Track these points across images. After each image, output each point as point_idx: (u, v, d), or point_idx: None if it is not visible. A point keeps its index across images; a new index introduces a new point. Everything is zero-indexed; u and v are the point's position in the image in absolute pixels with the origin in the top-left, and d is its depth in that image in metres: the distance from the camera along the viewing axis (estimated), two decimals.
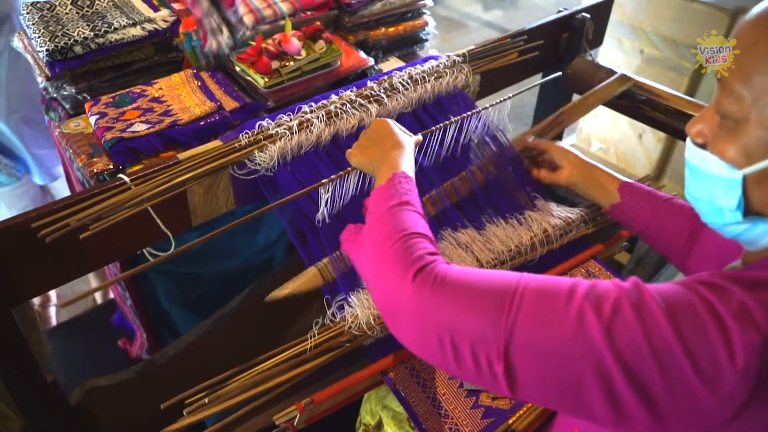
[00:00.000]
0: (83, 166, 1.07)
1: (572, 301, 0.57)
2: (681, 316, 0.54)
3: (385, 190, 0.80)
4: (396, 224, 0.73)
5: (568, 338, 0.55)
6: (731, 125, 0.60)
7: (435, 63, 1.22)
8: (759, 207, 0.62)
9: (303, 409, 0.86)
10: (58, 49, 1.18)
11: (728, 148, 0.61)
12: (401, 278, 0.66)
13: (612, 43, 2.54)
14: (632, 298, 0.56)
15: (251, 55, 1.26)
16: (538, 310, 0.58)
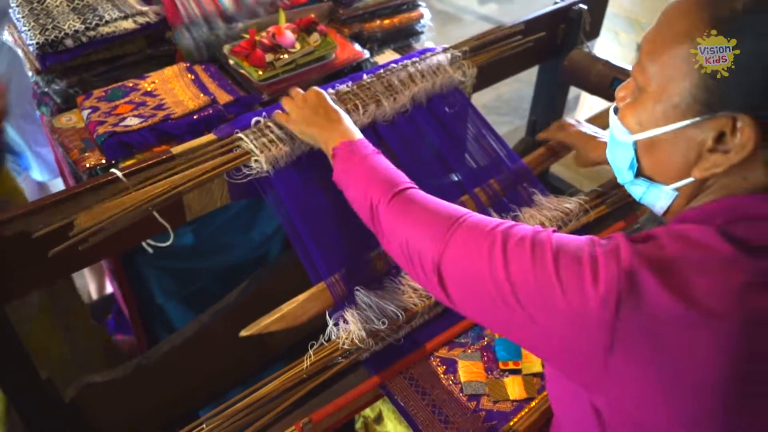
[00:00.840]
0: (75, 161, 1.06)
1: (492, 233, 0.67)
2: (564, 253, 0.61)
3: (357, 150, 0.88)
4: (374, 170, 0.85)
5: (483, 264, 0.65)
6: (637, 94, 0.66)
7: (433, 56, 1.20)
8: (648, 172, 0.68)
9: (302, 429, 0.85)
10: (48, 42, 1.16)
11: (627, 114, 0.67)
12: (381, 199, 0.80)
13: (609, 36, 2.53)
14: (536, 238, 0.64)
15: (245, 48, 1.25)
16: (467, 237, 0.69)
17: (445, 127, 1.17)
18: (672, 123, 0.62)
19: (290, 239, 1.00)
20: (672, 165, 0.65)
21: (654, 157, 0.66)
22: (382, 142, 1.11)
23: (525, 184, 1.15)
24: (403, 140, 1.12)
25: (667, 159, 0.65)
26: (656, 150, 0.65)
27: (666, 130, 0.63)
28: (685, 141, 0.62)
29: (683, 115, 0.61)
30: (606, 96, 1.50)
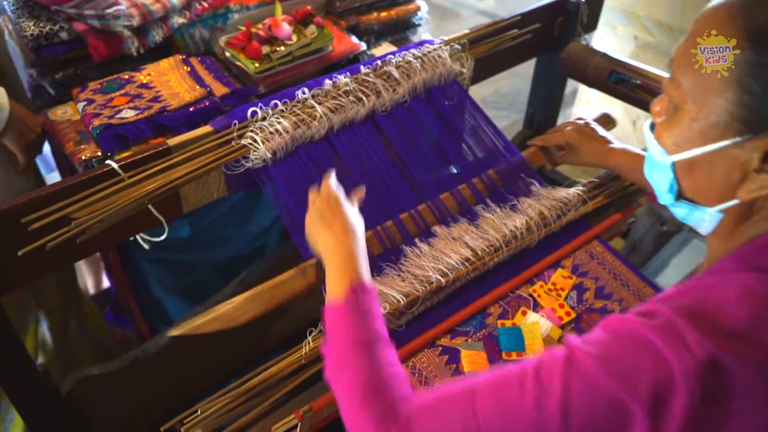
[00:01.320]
0: (70, 154, 1.05)
1: (526, 392, 0.57)
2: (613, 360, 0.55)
3: (346, 314, 0.71)
4: (364, 369, 0.67)
5: (533, 424, 0.57)
6: (672, 111, 0.62)
7: (432, 48, 1.20)
8: (690, 194, 0.63)
9: (302, 417, 0.84)
10: (43, 35, 1.15)
11: (663, 133, 0.63)
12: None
13: (606, 30, 2.53)
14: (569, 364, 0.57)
15: (241, 40, 1.24)
16: (500, 409, 0.58)
17: (443, 119, 1.16)
18: (711, 143, 0.57)
19: (287, 229, 1.00)
20: (714, 187, 0.60)
21: (694, 179, 0.61)
22: (381, 133, 1.11)
23: (523, 174, 1.15)
24: (402, 131, 1.12)
25: (708, 180, 0.60)
26: (696, 171, 0.60)
27: (704, 151, 0.58)
28: (726, 161, 0.57)
29: (722, 135, 0.56)
30: (603, 89, 1.49)
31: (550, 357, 0.59)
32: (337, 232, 0.79)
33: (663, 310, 0.56)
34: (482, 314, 0.97)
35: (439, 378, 0.89)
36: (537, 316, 0.96)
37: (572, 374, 0.56)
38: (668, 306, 0.56)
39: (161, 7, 1.23)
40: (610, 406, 0.54)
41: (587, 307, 1.00)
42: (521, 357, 0.91)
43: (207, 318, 0.88)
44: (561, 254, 1.07)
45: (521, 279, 1.02)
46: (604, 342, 0.57)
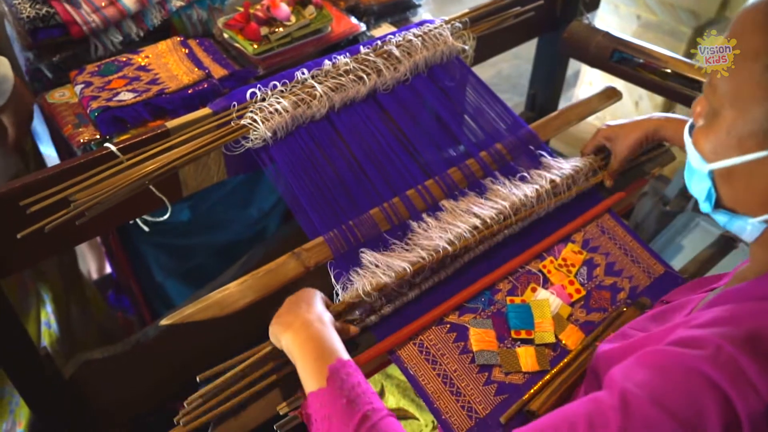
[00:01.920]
0: (69, 137, 1.04)
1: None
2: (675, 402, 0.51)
3: (333, 396, 0.65)
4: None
5: None
6: (711, 116, 0.59)
7: (433, 27, 1.18)
8: (729, 203, 0.61)
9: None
10: (39, 17, 1.14)
11: (701, 140, 0.61)
12: None
13: (608, 9, 2.50)
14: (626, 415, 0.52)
15: (239, 21, 1.23)
16: None
17: (446, 95, 1.15)
18: (749, 153, 0.55)
19: (290, 207, 0.98)
20: (754, 197, 0.58)
21: (733, 188, 0.59)
22: (384, 111, 1.10)
23: (531, 147, 1.13)
24: (404, 108, 1.11)
25: (747, 190, 0.58)
26: (735, 180, 0.58)
27: (743, 161, 0.56)
28: (766, 172, 0.55)
29: (761, 145, 0.54)
30: (606, 68, 1.48)
31: (600, 405, 0.55)
32: (296, 329, 0.73)
33: (712, 339, 0.52)
34: (491, 290, 0.96)
35: (447, 356, 0.87)
36: (547, 293, 0.95)
37: (630, 424, 0.52)
38: (718, 335, 0.52)
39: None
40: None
41: (597, 284, 0.99)
42: (530, 335, 0.90)
43: (199, 306, 0.86)
44: (572, 228, 1.05)
45: (531, 254, 1.01)
46: (654, 380, 0.53)
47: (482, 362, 0.86)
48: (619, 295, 0.97)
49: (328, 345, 0.70)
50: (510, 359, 0.88)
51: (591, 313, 0.95)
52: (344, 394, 0.64)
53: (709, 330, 0.54)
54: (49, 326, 1.32)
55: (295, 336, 0.72)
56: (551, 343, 0.90)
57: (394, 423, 0.64)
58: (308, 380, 0.68)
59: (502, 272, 0.98)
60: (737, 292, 0.59)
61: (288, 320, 0.75)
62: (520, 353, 0.88)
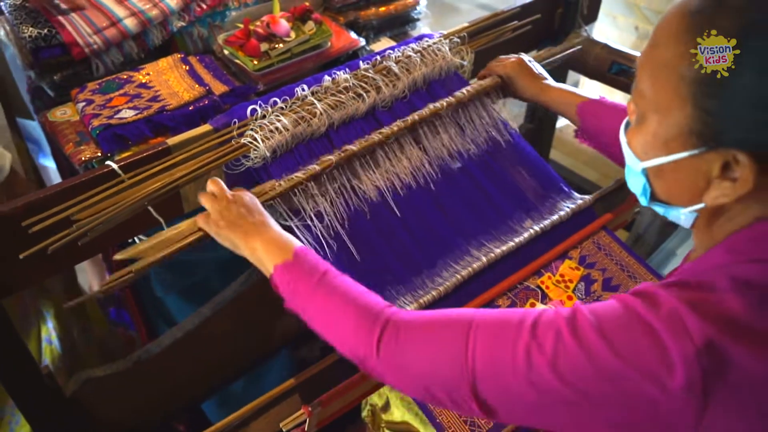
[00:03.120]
0: (70, 155, 1.05)
1: (520, 340, 0.59)
2: (615, 335, 0.56)
3: (298, 266, 0.74)
4: (334, 293, 0.71)
5: (523, 375, 0.58)
6: (640, 118, 0.62)
7: (431, 42, 1.19)
8: (662, 197, 0.65)
9: (311, 413, 0.83)
10: (41, 37, 1.15)
11: (633, 141, 0.64)
12: (366, 343, 0.67)
13: (606, 20, 2.51)
14: (570, 326, 0.58)
15: (239, 37, 1.24)
16: (492, 351, 0.60)
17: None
18: (673, 153, 0.59)
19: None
20: (683, 191, 0.62)
21: (664, 184, 0.64)
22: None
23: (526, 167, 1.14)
24: None
25: (676, 186, 0.62)
26: (665, 177, 0.63)
27: (668, 160, 0.60)
28: (690, 170, 0.59)
29: (683, 146, 0.58)
30: (605, 80, 1.49)
31: (553, 313, 0.60)
32: (254, 233, 0.80)
33: (667, 298, 0.56)
34: (490, 307, 0.97)
35: None
36: (545, 308, 0.95)
37: (570, 336, 0.57)
38: (672, 294, 0.56)
39: (160, 13, 1.23)
40: (601, 376, 0.55)
41: (595, 298, 0.99)
42: None
43: (153, 242, 0.88)
44: (568, 245, 1.06)
45: (529, 270, 1.02)
46: (609, 313, 0.58)
47: None
48: None
49: (289, 239, 0.79)
50: None
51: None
52: (307, 261, 0.74)
53: (660, 289, 0.58)
54: (50, 342, 1.31)
55: (256, 240, 0.79)
56: None
57: (351, 279, 0.73)
58: (269, 263, 0.76)
59: (501, 288, 0.98)
60: (685, 268, 0.63)
61: (242, 227, 0.81)
62: None
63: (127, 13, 1.21)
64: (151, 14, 1.22)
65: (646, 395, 0.54)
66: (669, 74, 0.56)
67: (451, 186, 1.08)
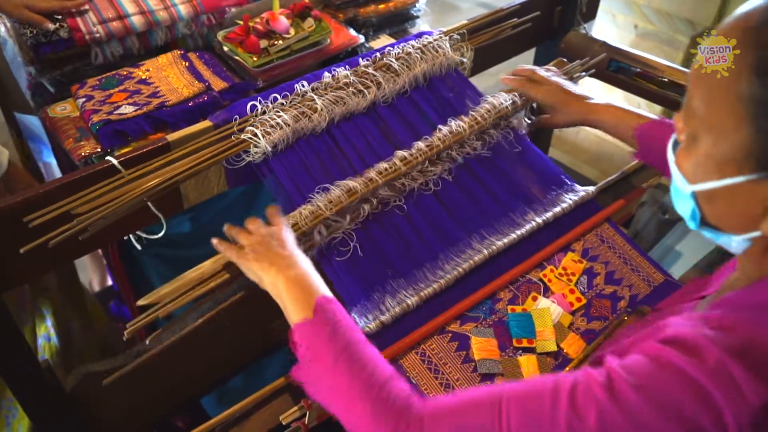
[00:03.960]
0: (70, 150, 1.05)
1: (558, 413, 0.55)
2: (659, 396, 0.52)
3: (320, 327, 0.70)
4: (356, 375, 0.66)
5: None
6: (690, 138, 0.59)
7: (431, 39, 1.19)
8: (713, 222, 0.61)
9: (310, 406, 0.83)
10: (41, 33, 1.15)
11: (683, 162, 0.61)
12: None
13: (606, 18, 2.52)
14: (609, 393, 0.54)
15: (239, 34, 1.24)
16: (529, 428, 0.57)
17: (445, 108, 1.16)
18: (728, 177, 0.55)
19: None
20: (737, 218, 0.58)
21: (716, 209, 0.60)
22: (383, 124, 1.10)
23: None
24: (405, 121, 1.12)
25: (729, 212, 0.59)
26: (717, 202, 0.59)
27: (722, 185, 0.56)
28: (746, 195, 0.55)
29: (739, 171, 0.54)
30: (603, 78, 1.49)
31: (587, 379, 0.56)
32: (281, 268, 0.76)
33: (704, 343, 0.53)
34: (492, 299, 0.96)
35: (449, 365, 0.88)
36: (548, 301, 0.96)
37: (611, 403, 0.54)
38: (711, 340, 0.53)
39: (168, 18, 1.24)
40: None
41: (597, 292, 0.99)
42: (532, 344, 0.90)
43: (175, 285, 0.89)
44: (571, 237, 1.06)
45: (531, 263, 1.01)
46: (646, 372, 0.54)
47: (484, 371, 0.87)
48: (620, 304, 0.98)
49: (313, 283, 0.75)
50: (512, 368, 0.88)
51: (592, 321, 0.95)
52: (328, 324, 0.69)
53: (702, 332, 0.54)
54: (48, 340, 1.32)
55: (279, 275, 0.76)
56: (553, 351, 0.90)
57: (375, 352, 0.69)
58: (291, 311, 0.73)
59: (502, 281, 0.98)
60: (729, 300, 0.59)
61: (270, 259, 0.78)
62: (522, 362, 0.89)
63: (137, 10, 1.21)
64: (160, 17, 1.23)
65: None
66: (725, 92, 0.53)
67: (454, 180, 1.08)
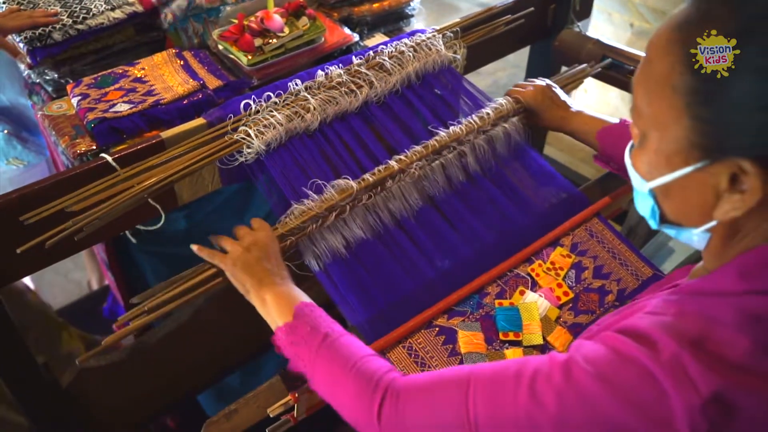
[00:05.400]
0: (66, 148, 1.06)
1: (520, 396, 0.58)
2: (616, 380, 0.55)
3: (300, 326, 0.76)
4: (334, 360, 0.72)
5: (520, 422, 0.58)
6: (641, 138, 0.61)
7: (424, 37, 1.20)
8: (672, 217, 0.63)
9: (297, 399, 0.84)
10: (36, 36, 1.16)
11: (637, 161, 0.63)
12: (368, 411, 0.67)
13: (602, 17, 2.52)
14: (568, 380, 0.57)
15: (233, 32, 1.25)
16: (494, 408, 0.60)
17: (439, 106, 1.16)
18: (677, 170, 0.58)
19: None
20: (692, 209, 0.60)
21: (673, 203, 0.62)
22: (375, 123, 1.11)
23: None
24: (397, 120, 1.12)
25: (685, 204, 0.60)
26: (672, 196, 0.61)
27: (673, 177, 0.58)
28: (698, 185, 0.57)
29: (686, 161, 0.57)
30: (597, 76, 1.49)
31: (550, 365, 0.59)
32: (267, 284, 0.83)
33: (658, 335, 0.55)
34: (479, 294, 0.97)
35: (435, 359, 0.89)
36: (535, 295, 0.97)
37: (569, 391, 0.56)
38: (671, 336, 0.55)
39: None
40: (607, 426, 0.54)
41: (585, 286, 1.00)
42: (518, 337, 0.91)
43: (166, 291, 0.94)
44: (560, 232, 1.06)
45: (519, 258, 1.02)
46: (604, 361, 0.56)
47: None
48: (607, 298, 0.98)
49: (294, 293, 0.82)
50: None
51: (579, 315, 0.96)
52: (308, 323, 0.76)
53: (656, 320, 0.57)
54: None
55: (263, 288, 0.82)
56: (539, 344, 0.91)
57: (353, 339, 0.75)
58: (276, 321, 0.79)
59: (490, 276, 0.99)
60: (689, 287, 0.61)
61: (255, 272, 0.84)
62: (508, 355, 0.89)
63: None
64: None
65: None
66: (662, 88, 0.55)
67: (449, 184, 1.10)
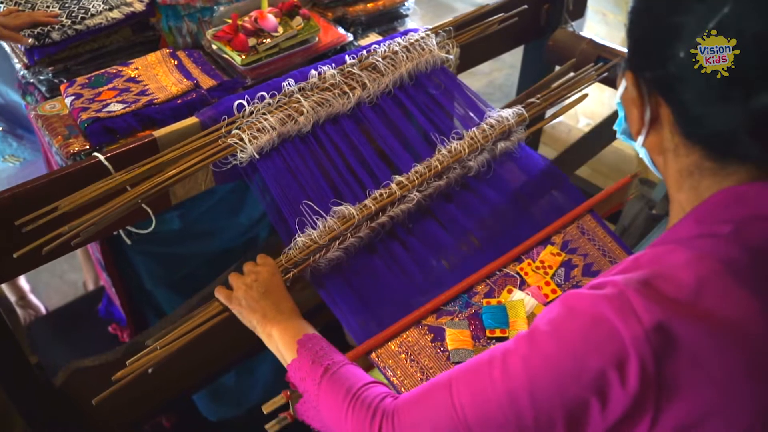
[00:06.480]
0: (60, 148, 1.06)
1: (494, 377, 0.60)
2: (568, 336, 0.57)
3: (303, 360, 0.80)
4: (337, 392, 0.75)
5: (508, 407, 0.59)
6: None
7: (417, 36, 1.20)
8: (627, 128, 0.71)
9: (290, 397, 0.85)
10: (34, 35, 1.16)
11: (620, 80, 0.70)
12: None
13: (596, 18, 2.53)
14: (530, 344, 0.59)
15: (227, 32, 1.25)
16: (475, 396, 0.61)
17: (432, 107, 1.17)
18: (623, 82, 0.67)
19: (272, 223, 1.01)
20: (631, 120, 0.67)
21: (627, 115, 0.68)
22: (368, 125, 1.11)
23: None
24: (389, 122, 1.13)
25: (629, 116, 0.67)
26: (625, 108, 0.68)
27: (621, 89, 0.67)
28: (630, 96, 0.65)
29: (624, 75, 0.65)
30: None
31: (516, 341, 0.61)
32: (271, 320, 0.86)
33: (615, 280, 0.58)
34: (468, 293, 0.98)
35: (422, 355, 0.90)
36: (522, 294, 0.97)
37: (533, 356, 0.58)
38: (621, 277, 0.58)
39: None
40: (571, 382, 0.56)
41: (574, 284, 1.00)
42: (505, 334, 0.92)
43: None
44: (551, 230, 1.06)
45: (509, 257, 1.02)
46: (560, 317, 0.59)
47: (457, 360, 0.89)
48: None
49: (298, 326, 0.85)
50: None
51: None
52: (310, 357, 0.80)
53: (612, 271, 0.61)
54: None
55: (268, 325, 0.86)
56: None
57: (353, 369, 0.78)
58: (284, 356, 0.83)
59: (479, 276, 0.99)
60: (656, 241, 0.64)
61: (261, 309, 0.88)
62: None
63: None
64: None
65: (609, 381, 0.55)
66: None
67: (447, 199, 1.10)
